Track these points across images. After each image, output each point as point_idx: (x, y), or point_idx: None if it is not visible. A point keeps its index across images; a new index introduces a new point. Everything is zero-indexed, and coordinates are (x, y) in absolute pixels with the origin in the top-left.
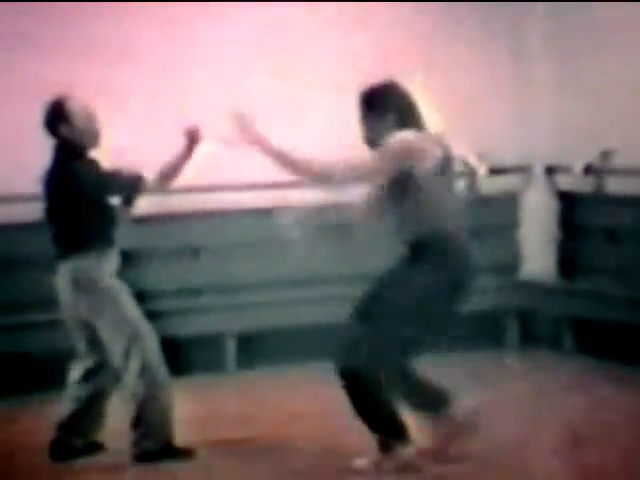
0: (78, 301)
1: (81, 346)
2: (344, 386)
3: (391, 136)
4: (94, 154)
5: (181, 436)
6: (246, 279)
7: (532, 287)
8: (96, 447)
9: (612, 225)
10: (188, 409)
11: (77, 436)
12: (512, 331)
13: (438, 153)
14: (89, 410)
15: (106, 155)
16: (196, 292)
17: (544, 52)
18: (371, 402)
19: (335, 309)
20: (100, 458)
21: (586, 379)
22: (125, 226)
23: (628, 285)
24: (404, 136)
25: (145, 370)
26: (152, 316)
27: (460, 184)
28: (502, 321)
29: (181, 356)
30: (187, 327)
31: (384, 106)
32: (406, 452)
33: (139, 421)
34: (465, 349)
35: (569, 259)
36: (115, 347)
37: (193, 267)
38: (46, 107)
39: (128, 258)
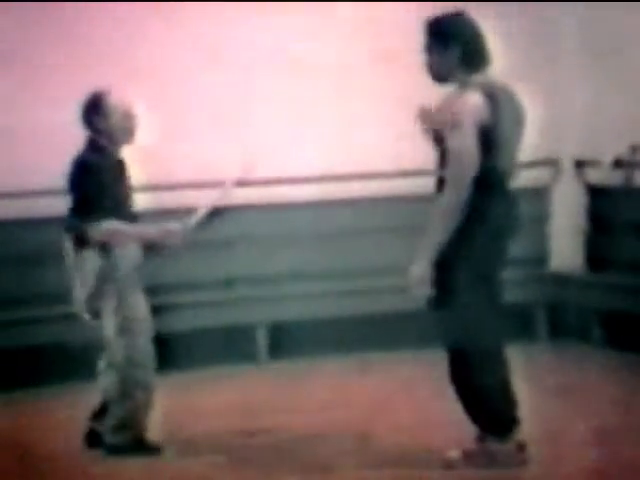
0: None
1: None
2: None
3: (453, 102)
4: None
5: (212, 426)
6: (278, 271)
7: (561, 280)
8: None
9: None
10: (220, 399)
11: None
12: (541, 324)
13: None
14: None
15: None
16: (228, 283)
17: (575, 45)
18: (471, 386)
19: (365, 301)
20: None
21: (615, 371)
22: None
23: None
24: (466, 102)
25: None
26: (185, 307)
27: None
28: (531, 314)
29: (213, 346)
30: (218, 318)
31: (450, 38)
32: (501, 447)
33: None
34: None
35: (598, 252)
36: None
37: (226, 259)
38: (84, 99)
39: None
